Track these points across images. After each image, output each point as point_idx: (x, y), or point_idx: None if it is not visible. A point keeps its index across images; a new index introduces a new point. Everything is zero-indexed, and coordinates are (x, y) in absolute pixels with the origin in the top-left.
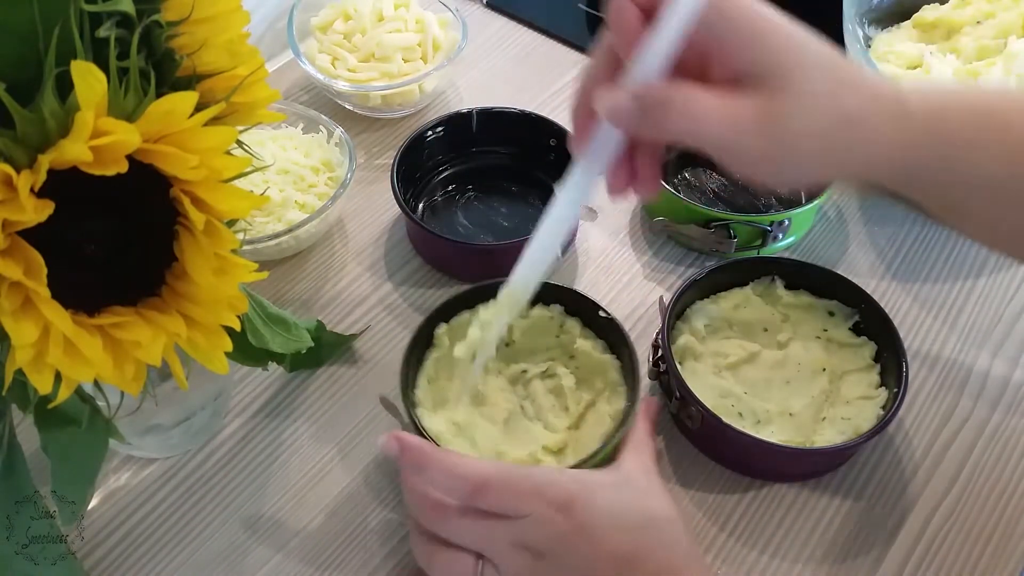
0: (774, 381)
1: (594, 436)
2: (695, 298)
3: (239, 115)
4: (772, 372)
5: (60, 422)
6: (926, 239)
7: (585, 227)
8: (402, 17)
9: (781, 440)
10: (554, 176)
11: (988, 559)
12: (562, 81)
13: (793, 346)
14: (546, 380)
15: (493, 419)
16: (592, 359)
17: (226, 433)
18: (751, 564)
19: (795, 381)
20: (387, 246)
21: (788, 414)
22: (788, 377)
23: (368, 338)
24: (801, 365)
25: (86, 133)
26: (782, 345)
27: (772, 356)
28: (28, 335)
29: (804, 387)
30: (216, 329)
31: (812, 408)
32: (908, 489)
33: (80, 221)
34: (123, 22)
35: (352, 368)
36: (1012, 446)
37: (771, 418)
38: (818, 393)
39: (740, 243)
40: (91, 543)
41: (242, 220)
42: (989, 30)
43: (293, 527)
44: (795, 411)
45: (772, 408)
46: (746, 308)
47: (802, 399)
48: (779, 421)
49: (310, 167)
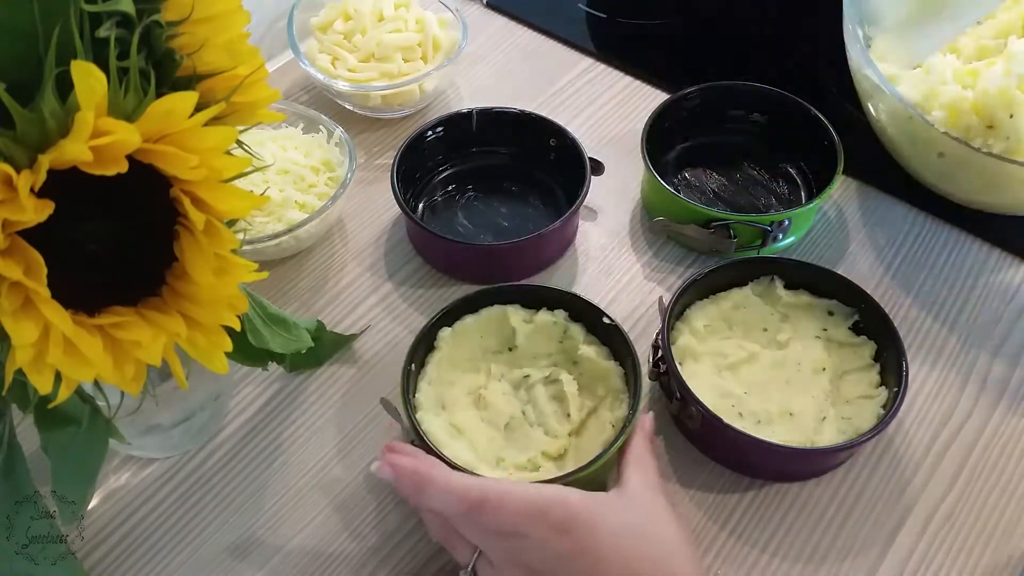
0: (774, 381)
1: (595, 443)
2: (695, 298)
3: (239, 115)
4: (772, 372)
5: (60, 422)
6: (926, 239)
7: (585, 227)
8: (402, 17)
9: (782, 440)
10: (555, 176)
11: (988, 559)
12: (562, 81)
13: (793, 346)
14: (548, 386)
15: (494, 423)
16: (595, 366)
17: (226, 433)
18: (751, 564)
19: (795, 381)
20: (387, 246)
21: (789, 414)
22: (788, 377)
23: (368, 338)
24: (801, 365)
25: (86, 133)
26: (782, 345)
27: (772, 356)
28: (28, 335)
29: (804, 387)
30: (216, 329)
31: (813, 408)
32: (908, 489)
33: (80, 221)
34: (123, 22)
35: (352, 368)
36: (1012, 446)
37: (772, 418)
38: (818, 392)
39: (740, 243)
40: (91, 543)
41: (242, 220)
42: (989, 30)
43: (293, 527)
44: (795, 411)
45: (772, 408)
46: (746, 308)
47: (802, 399)
48: (780, 421)
49: (310, 167)
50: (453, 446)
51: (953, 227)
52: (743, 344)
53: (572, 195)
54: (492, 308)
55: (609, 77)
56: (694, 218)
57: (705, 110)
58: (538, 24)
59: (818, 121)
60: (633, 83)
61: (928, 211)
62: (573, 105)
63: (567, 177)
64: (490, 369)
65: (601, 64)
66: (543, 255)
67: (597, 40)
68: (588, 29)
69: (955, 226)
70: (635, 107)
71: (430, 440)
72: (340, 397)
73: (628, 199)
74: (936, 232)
